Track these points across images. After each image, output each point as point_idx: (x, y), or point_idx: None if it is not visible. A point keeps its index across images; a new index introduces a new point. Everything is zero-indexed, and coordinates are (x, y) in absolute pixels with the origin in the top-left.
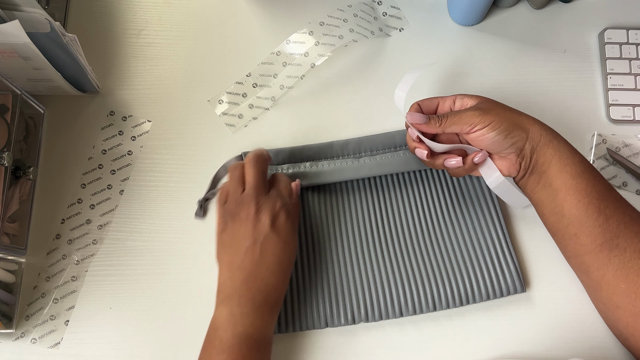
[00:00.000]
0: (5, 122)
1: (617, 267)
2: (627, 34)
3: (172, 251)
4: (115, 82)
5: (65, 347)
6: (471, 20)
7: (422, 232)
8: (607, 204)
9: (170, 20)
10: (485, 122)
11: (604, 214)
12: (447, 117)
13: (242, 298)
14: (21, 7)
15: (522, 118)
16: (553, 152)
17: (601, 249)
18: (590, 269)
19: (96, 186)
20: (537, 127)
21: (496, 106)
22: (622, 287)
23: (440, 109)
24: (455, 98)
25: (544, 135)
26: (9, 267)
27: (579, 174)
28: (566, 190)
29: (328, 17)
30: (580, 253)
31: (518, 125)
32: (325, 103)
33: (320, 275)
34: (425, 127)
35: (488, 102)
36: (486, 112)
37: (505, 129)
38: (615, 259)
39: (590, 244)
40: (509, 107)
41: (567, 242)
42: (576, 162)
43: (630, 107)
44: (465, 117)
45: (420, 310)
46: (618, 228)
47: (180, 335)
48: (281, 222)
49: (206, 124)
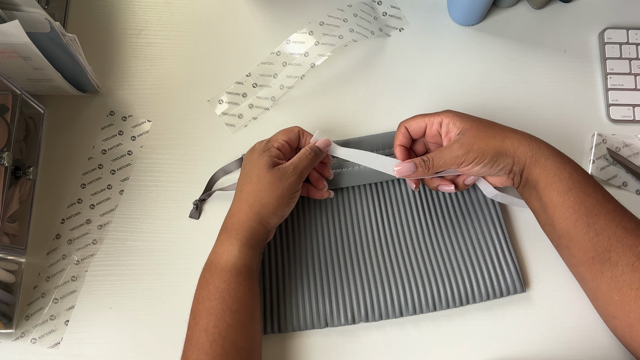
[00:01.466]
0: (5, 122)
1: (609, 280)
2: (627, 34)
3: (172, 251)
4: (115, 82)
5: (65, 347)
6: (471, 20)
7: (422, 232)
8: (597, 219)
9: (170, 20)
10: (469, 159)
11: (593, 229)
12: (433, 162)
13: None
14: (21, 7)
15: (506, 143)
16: (540, 171)
17: (593, 262)
18: (585, 279)
19: (96, 186)
20: (523, 148)
21: (478, 135)
22: (616, 299)
23: (428, 133)
24: (442, 121)
25: (530, 155)
26: (9, 267)
27: (565, 191)
28: (553, 206)
29: (328, 17)
30: (574, 264)
31: (502, 153)
32: (325, 103)
33: (320, 275)
34: (415, 176)
35: (470, 133)
36: (468, 148)
37: (490, 160)
38: (607, 272)
39: (582, 257)
40: (492, 129)
41: (561, 252)
42: (564, 179)
43: (630, 107)
44: (450, 159)
45: (420, 310)
46: (609, 242)
47: (181, 335)
48: (248, 154)
49: (206, 124)
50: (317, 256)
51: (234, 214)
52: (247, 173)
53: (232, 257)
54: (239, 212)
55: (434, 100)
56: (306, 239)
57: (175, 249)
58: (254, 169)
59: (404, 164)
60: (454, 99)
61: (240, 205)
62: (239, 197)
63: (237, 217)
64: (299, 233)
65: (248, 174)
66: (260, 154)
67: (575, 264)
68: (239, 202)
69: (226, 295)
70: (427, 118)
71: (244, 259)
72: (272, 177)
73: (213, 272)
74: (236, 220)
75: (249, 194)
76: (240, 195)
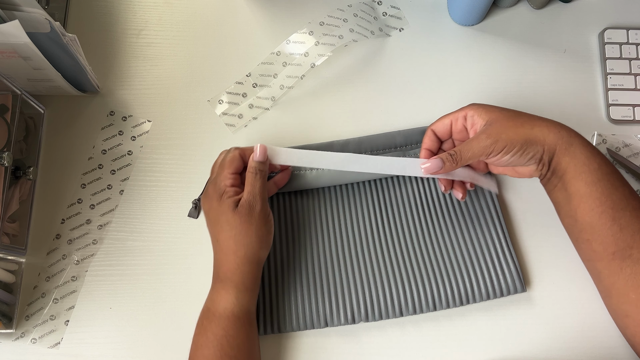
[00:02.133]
0: (5, 122)
1: (628, 276)
2: (627, 34)
3: (172, 251)
4: (115, 82)
5: (65, 347)
6: (471, 20)
7: (423, 231)
8: (622, 214)
9: (170, 20)
10: (498, 148)
11: (617, 223)
12: (461, 154)
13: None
14: (21, 7)
15: (535, 130)
16: (569, 160)
17: (613, 258)
18: (602, 275)
19: (96, 186)
20: (553, 135)
21: (506, 125)
22: (632, 297)
23: (454, 130)
24: (467, 114)
25: (561, 143)
26: (9, 267)
27: (594, 182)
28: (579, 197)
29: (328, 17)
30: (592, 259)
31: (531, 141)
32: (325, 103)
33: (320, 275)
34: (443, 171)
35: (497, 123)
36: (496, 137)
37: (519, 148)
38: (627, 268)
39: (602, 252)
40: (520, 118)
41: (580, 246)
42: (592, 170)
43: (630, 107)
44: (478, 150)
45: (421, 309)
46: (632, 238)
47: (180, 335)
48: (205, 204)
49: (206, 124)
50: (316, 256)
51: (223, 264)
52: (215, 221)
53: (230, 304)
54: (226, 262)
55: (433, 101)
56: (306, 238)
57: (175, 249)
58: (219, 216)
59: (431, 160)
60: (454, 99)
61: (224, 255)
62: (219, 247)
63: (226, 267)
64: (298, 233)
65: (217, 222)
66: (219, 199)
67: (594, 258)
68: (222, 253)
69: (224, 342)
70: (451, 115)
71: (241, 305)
72: (240, 217)
73: (211, 319)
74: (227, 269)
75: (227, 241)
76: (219, 245)
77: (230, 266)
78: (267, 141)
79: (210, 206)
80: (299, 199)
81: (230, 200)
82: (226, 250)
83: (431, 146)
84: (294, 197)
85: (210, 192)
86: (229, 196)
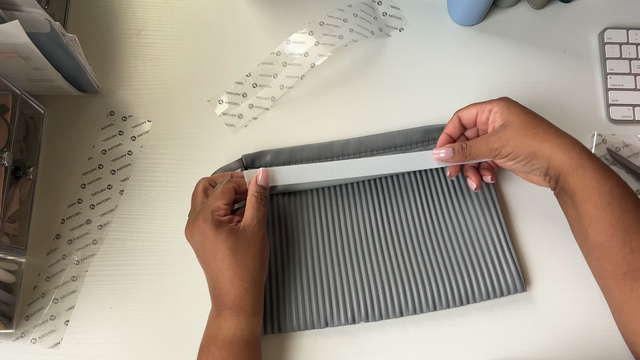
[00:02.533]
0: (5, 122)
1: (639, 297)
2: (627, 34)
3: (172, 251)
4: (115, 82)
5: (65, 347)
6: (471, 20)
7: (423, 231)
8: (634, 237)
9: (170, 20)
10: (504, 153)
11: (629, 246)
12: (470, 149)
13: (212, 302)
14: (21, 7)
15: (544, 146)
16: (577, 181)
17: (624, 278)
18: (613, 292)
19: (96, 186)
20: (560, 155)
21: (519, 132)
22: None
23: (478, 120)
24: (492, 109)
25: (569, 163)
26: (9, 267)
27: (604, 205)
28: (589, 218)
29: (328, 17)
30: (603, 276)
31: (537, 155)
32: (325, 103)
33: (320, 275)
34: (452, 161)
35: (511, 127)
36: (504, 142)
37: (524, 159)
38: (638, 289)
39: (613, 271)
40: (536, 128)
41: (591, 262)
42: (603, 193)
43: (630, 107)
44: (485, 151)
45: (421, 309)
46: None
47: (180, 335)
48: (198, 234)
49: (206, 124)
50: (316, 256)
51: (229, 291)
52: (214, 251)
53: (240, 331)
54: (233, 288)
55: (433, 101)
56: (305, 239)
57: (175, 249)
58: (219, 244)
59: (444, 148)
60: (454, 99)
61: (229, 282)
62: (223, 276)
63: (234, 293)
64: (298, 233)
65: (217, 250)
66: (216, 229)
67: (605, 276)
68: (227, 281)
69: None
70: (479, 106)
71: (250, 329)
72: (244, 242)
73: (219, 346)
74: (235, 296)
75: (233, 268)
76: (221, 273)
77: (239, 292)
78: (267, 141)
79: (205, 236)
80: (298, 199)
81: (229, 228)
82: (231, 278)
83: (453, 132)
84: (294, 198)
85: (201, 224)
86: (226, 226)
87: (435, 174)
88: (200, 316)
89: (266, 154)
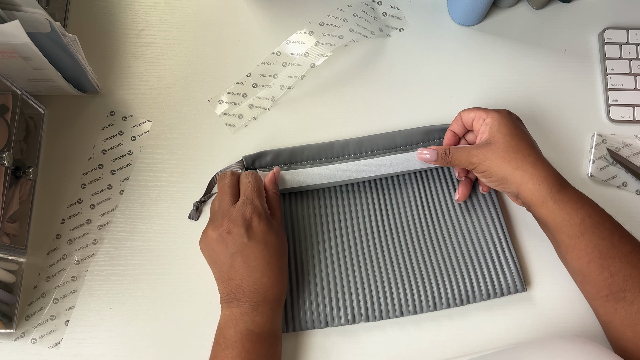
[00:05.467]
0: (5, 122)
1: (623, 317)
2: (627, 34)
3: (172, 251)
4: (115, 82)
5: (65, 347)
6: (471, 20)
7: (423, 231)
8: (611, 262)
9: (170, 20)
10: (479, 170)
11: (607, 270)
12: (452, 156)
13: (240, 300)
14: (21, 7)
15: (517, 173)
16: (547, 213)
17: (607, 299)
18: (598, 312)
19: (96, 186)
20: (530, 186)
21: (497, 154)
22: (629, 335)
23: (474, 125)
24: (486, 119)
25: (537, 195)
26: (9, 267)
27: (577, 235)
28: (565, 247)
29: (328, 17)
30: (587, 297)
31: (509, 180)
32: (325, 103)
33: (320, 275)
34: (435, 164)
35: (492, 147)
36: (481, 160)
37: (496, 180)
38: (621, 310)
39: (596, 294)
40: (516, 153)
41: (576, 284)
42: (574, 224)
43: (630, 107)
44: (464, 161)
45: (421, 309)
46: (625, 283)
47: (180, 335)
48: (256, 227)
49: (206, 124)
50: (317, 256)
51: (273, 284)
52: (266, 243)
53: (275, 324)
54: (278, 282)
55: (433, 101)
56: (306, 239)
57: (175, 249)
58: (272, 238)
59: (428, 150)
60: (454, 99)
61: (276, 276)
62: (271, 269)
63: (279, 287)
64: (298, 233)
65: (269, 244)
66: (269, 223)
67: (589, 297)
68: (274, 274)
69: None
70: (478, 112)
71: (279, 322)
72: (284, 237)
73: (255, 340)
74: (280, 290)
75: (280, 262)
76: (270, 266)
77: (282, 286)
78: (267, 141)
79: (263, 232)
80: (298, 199)
81: (276, 224)
82: (277, 272)
83: (456, 129)
84: (294, 198)
85: (249, 215)
86: (272, 221)
87: (436, 174)
88: (200, 316)
89: (266, 154)
